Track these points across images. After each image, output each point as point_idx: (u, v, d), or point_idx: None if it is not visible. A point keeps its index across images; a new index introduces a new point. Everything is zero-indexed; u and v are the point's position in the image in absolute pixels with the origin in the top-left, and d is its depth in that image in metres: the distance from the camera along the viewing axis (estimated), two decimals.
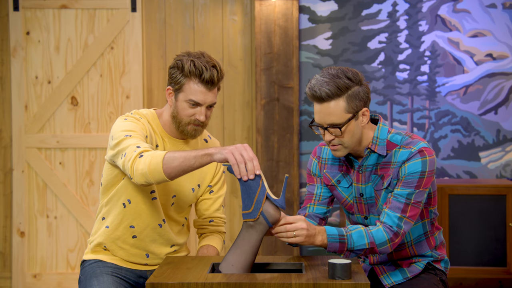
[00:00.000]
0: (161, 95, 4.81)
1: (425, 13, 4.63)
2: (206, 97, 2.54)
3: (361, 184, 2.51)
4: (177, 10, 4.80)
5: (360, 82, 2.40)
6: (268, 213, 2.28)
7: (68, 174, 4.55)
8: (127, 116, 2.57)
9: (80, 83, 4.55)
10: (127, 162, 2.36)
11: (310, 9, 4.67)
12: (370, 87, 4.64)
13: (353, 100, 2.37)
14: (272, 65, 4.64)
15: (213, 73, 2.52)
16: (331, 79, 2.36)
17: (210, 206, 2.78)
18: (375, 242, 2.36)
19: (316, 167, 2.61)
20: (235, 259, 2.30)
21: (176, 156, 2.29)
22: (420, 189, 2.39)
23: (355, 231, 2.37)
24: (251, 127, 4.81)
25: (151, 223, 2.61)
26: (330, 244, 2.35)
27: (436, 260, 2.58)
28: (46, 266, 4.56)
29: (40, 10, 4.53)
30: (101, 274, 2.58)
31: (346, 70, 2.39)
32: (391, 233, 2.37)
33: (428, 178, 2.40)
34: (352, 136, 2.41)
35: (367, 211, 2.54)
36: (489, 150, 4.63)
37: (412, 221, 2.40)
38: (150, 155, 2.31)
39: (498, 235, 4.25)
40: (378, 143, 2.45)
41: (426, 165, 2.39)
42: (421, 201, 2.41)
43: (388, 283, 2.54)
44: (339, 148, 2.44)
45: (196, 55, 2.55)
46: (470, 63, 4.62)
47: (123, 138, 2.44)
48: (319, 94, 2.35)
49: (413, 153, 2.40)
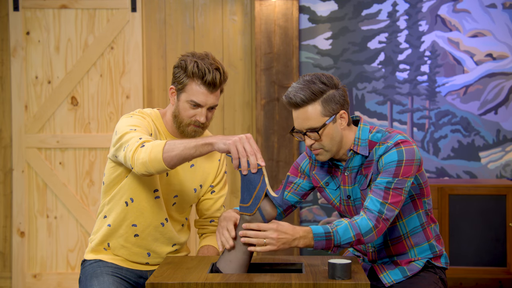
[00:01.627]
0: (161, 95, 4.81)
1: (425, 13, 4.63)
2: (207, 99, 2.54)
3: (347, 186, 2.54)
4: (177, 10, 4.80)
5: (335, 86, 2.45)
6: (265, 210, 2.28)
7: (68, 174, 4.55)
8: (132, 114, 2.57)
9: (80, 83, 4.55)
10: (128, 153, 2.36)
11: (310, 9, 4.68)
12: (369, 87, 4.66)
13: (329, 103, 2.42)
14: (272, 65, 4.64)
15: (215, 76, 2.52)
16: (306, 85, 2.42)
17: (211, 206, 2.78)
18: (361, 232, 2.37)
19: (307, 166, 2.66)
20: (233, 256, 2.30)
21: (176, 144, 2.29)
22: (399, 177, 2.41)
23: (340, 226, 2.38)
24: (251, 127, 4.81)
25: (154, 221, 2.61)
26: (316, 243, 2.36)
27: (436, 257, 2.59)
28: (46, 266, 4.56)
29: (40, 10, 4.53)
30: (101, 274, 2.58)
31: (321, 75, 2.45)
32: (374, 220, 2.38)
33: (407, 167, 2.41)
34: (332, 139, 2.45)
35: (355, 212, 2.57)
36: (489, 150, 4.63)
37: (396, 208, 2.41)
38: (151, 145, 2.31)
39: (498, 235, 4.25)
40: (360, 144, 2.49)
41: (403, 154, 2.42)
42: (402, 188, 2.41)
43: (388, 282, 2.55)
44: (321, 152, 2.48)
45: (201, 56, 2.55)
46: (470, 63, 4.62)
47: (127, 131, 2.44)
48: (295, 100, 2.41)
49: (389, 147, 2.44)
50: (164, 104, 4.80)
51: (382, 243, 2.57)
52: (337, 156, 2.52)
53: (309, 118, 2.42)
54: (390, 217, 2.41)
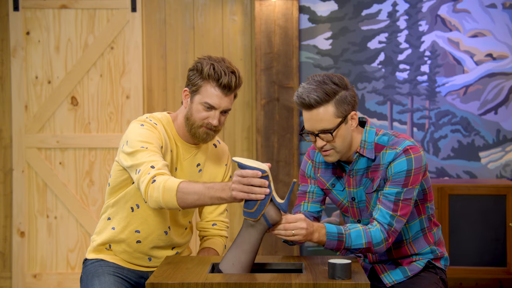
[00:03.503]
0: (161, 95, 4.81)
1: (425, 13, 4.63)
2: (221, 101, 2.53)
3: (352, 188, 2.53)
4: (177, 10, 4.80)
5: (346, 86, 2.43)
6: (269, 215, 2.28)
7: (68, 174, 4.55)
8: (143, 122, 2.55)
9: (80, 83, 4.55)
10: (141, 183, 2.38)
11: (310, 9, 4.67)
12: (369, 87, 4.66)
13: (342, 104, 2.40)
14: (272, 65, 4.64)
15: (231, 79, 2.52)
16: (318, 85, 2.39)
17: (215, 209, 2.78)
18: (372, 242, 2.39)
19: (311, 170, 2.63)
20: (235, 258, 2.30)
21: (190, 192, 2.31)
22: (409, 186, 2.41)
23: (354, 230, 2.39)
24: (251, 127, 4.81)
25: (157, 230, 2.61)
26: (328, 242, 2.36)
27: (436, 258, 2.59)
28: (46, 266, 4.56)
29: (40, 10, 4.53)
30: (102, 273, 2.58)
31: (332, 75, 2.43)
32: (385, 233, 2.40)
33: (415, 176, 2.42)
34: (344, 140, 2.44)
35: (359, 215, 2.57)
36: (489, 150, 4.63)
37: (404, 219, 2.42)
38: (163, 184, 2.32)
39: (498, 235, 4.25)
40: (366, 147, 2.48)
41: (412, 163, 2.41)
42: (411, 198, 2.42)
43: (389, 282, 2.56)
44: (331, 153, 2.46)
45: (217, 60, 2.55)
46: (470, 63, 4.62)
47: (138, 149, 2.44)
48: (308, 101, 2.38)
49: (398, 153, 2.42)
50: (164, 104, 4.80)
51: None
52: (344, 158, 2.51)
53: (322, 119, 2.40)
54: (399, 229, 2.42)
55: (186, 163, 2.63)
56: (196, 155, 2.66)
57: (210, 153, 2.71)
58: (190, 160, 2.64)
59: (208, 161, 2.70)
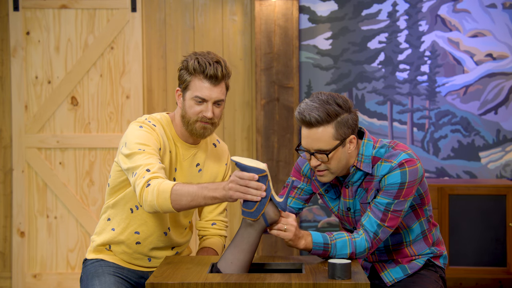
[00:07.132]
0: (161, 95, 4.81)
1: (425, 13, 4.62)
2: (211, 92, 2.54)
3: (348, 199, 2.53)
4: (177, 10, 4.80)
5: (349, 109, 2.40)
6: (268, 215, 2.28)
7: (68, 174, 4.55)
8: (142, 123, 2.55)
9: (80, 83, 4.55)
10: (136, 187, 2.37)
11: (310, 9, 4.67)
12: (369, 87, 4.66)
13: (342, 127, 2.37)
14: (272, 65, 4.64)
15: (216, 68, 2.53)
16: (321, 104, 2.36)
17: (214, 208, 2.78)
18: (355, 251, 2.40)
19: (308, 170, 2.62)
20: (234, 257, 2.30)
21: (183, 194, 2.30)
22: (400, 199, 2.40)
23: (340, 240, 2.40)
24: (251, 127, 4.81)
25: (157, 231, 2.61)
26: (314, 251, 2.38)
27: (435, 256, 2.59)
28: (46, 266, 4.56)
29: (40, 10, 4.53)
30: (102, 273, 2.58)
31: (337, 96, 2.39)
32: (370, 242, 2.41)
33: (408, 189, 2.40)
34: (339, 162, 2.42)
35: (354, 223, 2.57)
36: (489, 150, 4.63)
37: (391, 229, 2.43)
38: (157, 188, 2.32)
39: (498, 235, 4.25)
40: (363, 160, 2.46)
41: (406, 176, 2.39)
42: (401, 210, 2.42)
43: (389, 280, 2.56)
44: (325, 174, 2.44)
45: (202, 54, 2.57)
46: (470, 63, 4.62)
47: (135, 151, 2.44)
48: (309, 119, 2.35)
49: (393, 167, 2.40)
50: (164, 104, 4.80)
51: (383, 248, 2.57)
52: (340, 175, 2.50)
53: (320, 139, 2.37)
54: (383, 238, 2.43)
55: (186, 163, 2.63)
56: (195, 155, 2.66)
57: (209, 152, 2.72)
58: (189, 160, 2.64)
59: (208, 160, 2.70)
